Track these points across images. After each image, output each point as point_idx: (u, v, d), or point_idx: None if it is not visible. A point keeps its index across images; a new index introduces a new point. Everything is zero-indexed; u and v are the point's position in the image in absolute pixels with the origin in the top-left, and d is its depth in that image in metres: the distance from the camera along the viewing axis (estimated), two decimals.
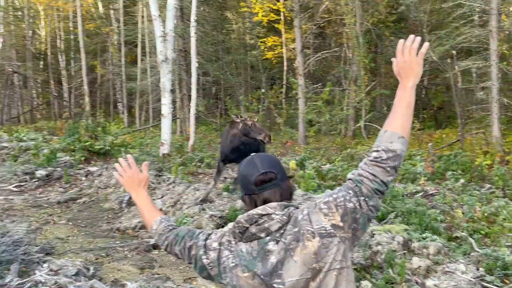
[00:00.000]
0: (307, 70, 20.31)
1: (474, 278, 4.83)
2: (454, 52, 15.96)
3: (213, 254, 1.95)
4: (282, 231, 1.79)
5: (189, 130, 16.41)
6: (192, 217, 7.32)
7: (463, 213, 7.36)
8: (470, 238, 6.23)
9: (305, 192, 7.77)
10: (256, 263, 1.80)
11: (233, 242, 1.91)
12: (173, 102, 17.46)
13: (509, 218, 6.91)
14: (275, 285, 1.77)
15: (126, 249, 6.54)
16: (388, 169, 1.81)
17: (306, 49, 25.17)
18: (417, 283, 4.65)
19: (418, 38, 1.94)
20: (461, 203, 8.02)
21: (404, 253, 5.35)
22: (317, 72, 26.27)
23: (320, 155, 14.59)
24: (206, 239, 2.01)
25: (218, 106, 24.05)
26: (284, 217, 1.80)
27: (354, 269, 4.95)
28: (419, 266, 5.04)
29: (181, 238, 2.09)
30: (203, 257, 1.97)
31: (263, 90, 20.19)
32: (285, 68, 26.52)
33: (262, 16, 26.71)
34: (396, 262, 4.89)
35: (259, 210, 1.82)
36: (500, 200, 7.83)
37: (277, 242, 1.79)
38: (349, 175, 1.88)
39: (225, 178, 10.13)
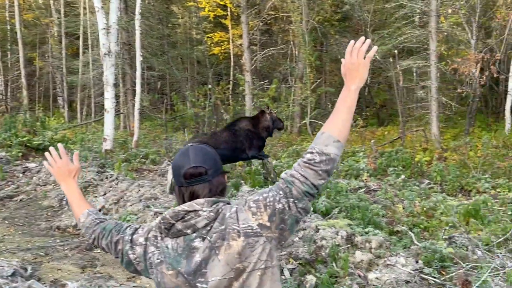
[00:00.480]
0: (254, 66, 20.35)
1: (413, 271, 4.99)
2: (395, 51, 16.46)
3: (139, 250, 1.92)
4: (208, 228, 1.76)
5: (133, 125, 16.06)
6: (136, 215, 7.16)
7: (403, 208, 7.60)
8: (410, 232, 6.43)
9: (251, 188, 7.78)
10: (181, 261, 1.77)
11: (159, 238, 1.87)
12: (117, 96, 17.05)
13: (446, 212, 7.19)
14: (198, 284, 1.74)
15: (66, 248, 6.32)
16: (320, 172, 1.77)
17: (253, 45, 25.23)
18: (359, 276, 4.74)
19: (368, 41, 1.93)
20: (402, 198, 8.28)
21: (348, 247, 5.46)
22: (264, 69, 26.39)
23: (266, 151, 14.65)
24: (132, 234, 1.97)
25: (164, 101, 23.69)
26: (212, 214, 1.77)
27: (299, 263, 4.99)
28: (362, 260, 5.15)
29: (108, 232, 2.05)
30: (129, 252, 1.94)
31: (209, 86, 19.95)
32: (232, 64, 26.47)
33: (209, 11, 26.54)
34: (339, 256, 4.97)
35: (186, 206, 1.78)
36: (438, 195, 8.13)
37: (203, 239, 1.76)
38: (282, 175, 1.84)
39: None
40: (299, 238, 5.52)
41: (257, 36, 25.57)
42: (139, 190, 8.32)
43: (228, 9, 26.15)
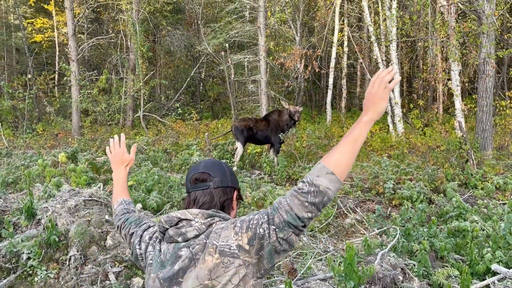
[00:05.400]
0: (81, 56, 19.03)
1: None
2: (226, 45, 16.72)
3: (143, 246, 1.96)
4: (197, 240, 1.75)
5: None
6: None
7: None
8: None
9: (73, 188, 7.12)
10: (166, 266, 1.77)
11: (158, 240, 1.89)
12: None
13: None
14: None
15: None
16: (306, 204, 1.63)
17: (80, 34, 23.65)
18: None
19: (394, 71, 1.81)
20: None
21: None
22: (93, 59, 24.97)
23: (96, 146, 13.79)
24: (144, 230, 2.03)
25: None
26: (203, 227, 1.76)
27: (125, 266, 4.64)
28: None
29: (129, 224, 2.12)
30: (137, 246, 1.98)
31: (29, 76, 18.18)
32: (57, 53, 24.54)
33: None
34: None
35: (179, 213, 1.79)
36: (268, 185, 8.38)
37: (188, 248, 1.74)
38: (275, 201, 1.74)
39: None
40: None
41: (85, 24, 24.05)
42: None
43: None
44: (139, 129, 18.26)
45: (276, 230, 1.66)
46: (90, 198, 5.58)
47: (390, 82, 1.83)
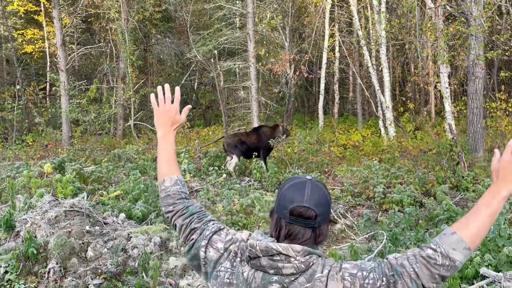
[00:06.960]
0: (71, 65, 18.91)
1: None
2: (215, 52, 16.64)
3: (213, 253, 1.74)
4: (292, 279, 1.58)
5: None
6: None
7: (223, 206, 7.53)
8: None
9: (54, 198, 6.99)
10: None
11: (239, 259, 1.70)
12: None
13: (263, 208, 7.30)
14: None
15: None
16: (437, 276, 1.53)
17: (71, 44, 23.55)
18: (170, 285, 4.45)
19: None
20: (223, 197, 8.24)
21: (162, 254, 5.14)
22: (83, 69, 24.83)
23: (85, 156, 13.66)
24: (214, 232, 1.80)
25: None
26: (302, 266, 1.58)
27: (104, 278, 4.52)
28: (176, 266, 4.88)
29: (190, 214, 1.88)
30: (202, 249, 1.77)
31: (18, 87, 18.04)
32: (48, 63, 24.39)
33: (18, 5, 24.08)
34: (150, 265, 4.62)
35: (281, 248, 1.59)
36: (256, 192, 8.26)
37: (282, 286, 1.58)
38: (391, 257, 1.60)
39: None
40: (107, 249, 5.03)
41: (75, 34, 23.95)
42: None
43: (42, 4, 24.02)
44: (130, 138, 18.13)
45: None
46: (71, 209, 5.46)
47: None
